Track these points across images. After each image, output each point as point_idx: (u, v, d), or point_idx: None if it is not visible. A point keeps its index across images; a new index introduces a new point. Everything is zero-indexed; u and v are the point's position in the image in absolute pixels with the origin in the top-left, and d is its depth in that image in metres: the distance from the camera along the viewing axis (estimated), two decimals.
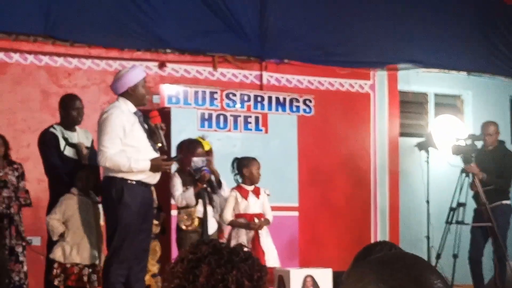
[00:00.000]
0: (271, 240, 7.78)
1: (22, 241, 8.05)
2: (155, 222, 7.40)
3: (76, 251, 6.84)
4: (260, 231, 7.66)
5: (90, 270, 6.88)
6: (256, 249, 7.39)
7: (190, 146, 7.58)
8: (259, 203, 7.77)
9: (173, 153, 7.66)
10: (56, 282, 6.93)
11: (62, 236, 6.88)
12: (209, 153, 7.65)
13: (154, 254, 7.51)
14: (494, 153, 9.02)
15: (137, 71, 6.76)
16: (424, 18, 11.00)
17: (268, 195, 7.85)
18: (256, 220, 7.64)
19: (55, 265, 6.88)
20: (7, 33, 8.96)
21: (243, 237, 7.57)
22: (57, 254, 6.89)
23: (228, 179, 7.80)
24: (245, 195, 7.75)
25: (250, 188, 7.79)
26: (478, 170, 8.75)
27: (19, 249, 8.02)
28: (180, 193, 7.39)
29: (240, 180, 7.80)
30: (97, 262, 6.92)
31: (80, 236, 6.88)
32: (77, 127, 7.21)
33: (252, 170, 7.79)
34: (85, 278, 6.86)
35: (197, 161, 7.39)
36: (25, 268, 7.99)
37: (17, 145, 8.62)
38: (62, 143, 7.01)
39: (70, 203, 6.89)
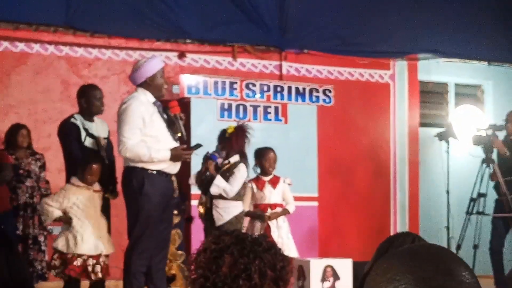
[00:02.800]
0: (288, 230, 7.75)
1: (44, 230, 8.11)
2: (175, 211, 7.43)
3: (80, 241, 6.64)
4: (270, 222, 7.66)
5: (94, 261, 6.68)
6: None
7: (218, 136, 7.63)
8: (275, 193, 7.77)
9: (193, 143, 7.67)
10: (53, 273, 6.80)
11: (68, 224, 6.70)
12: (230, 139, 7.60)
13: (174, 243, 7.55)
14: None
15: (155, 61, 6.75)
16: (444, 7, 10.93)
17: (289, 184, 7.84)
18: (269, 211, 7.66)
19: (55, 255, 6.72)
20: (28, 23, 9.01)
21: (257, 229, 7.60)
22: (60, 243, 6.69)
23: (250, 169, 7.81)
24: (261, 186, 7.77)
25: (267, 178, 7.80)
26: (502, 146, 8.74)
27: (42, 239, 8.09)
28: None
29: (258, 171, 7.83)
30: (102, 252, 6.73)
31: (83, 226, 6.69)
32: (95, 118, 7.21)
33: (262, 161, 7.80)
34: (90, 269, 6.66)
35: (216, 147, 7.48)
36: (46, 257, 8.06)
37: (38, 135, 8.67)
38: (83, 133, 7.01)
39: (69, 194, 6.74)
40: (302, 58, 10.42)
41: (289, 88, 9.83)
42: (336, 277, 7.31)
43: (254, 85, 9.67)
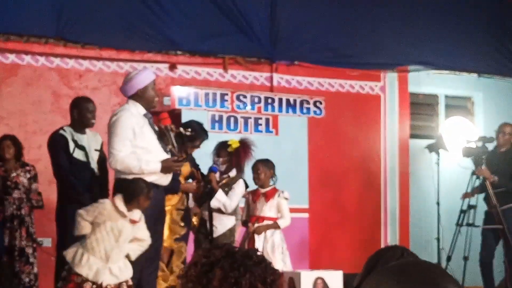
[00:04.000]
0: (277, 244, 7.65)
1: (32, 242, 8.07)
2: (181, 223, 7.42)
3: (85, 261, 6.20)
4: (256, 235, 7.62)
5: (94, 286, 6.19)
6: None
7: (215, 148, 7.66)
8: (268, 206, 7.73)
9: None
10: (59, 284, 6.44)
11: (82, 236, 6.27)
12: (233, 153, 7.62)
13: (180, 256, 7.49)
14: (506, 155, 9.00)
15: (146, 73, 6.77)
16: (435, 19, 10.97)
17: (286, 198, 7.78)
18: (252, 224, 7.65)
19: (67, 266, 6.31)
20: (18, 35, 9.01)
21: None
22: (69, 254, 6.30)
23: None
24: (256, 197, 7.77)
25: (263, 190, 7.80)
26: (489, 174, 8.73)
27: (30, 251, 8.04)
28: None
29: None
30: (103, 282, 6.21)
31: (96, 249, 6.23)
32: (87, 130, 7.21)
33: (253, 173, 7.80)
34: None
35: (216, 161, 7.49)
36: (35, 269, 8.02)
37: (28, 147, 8.65)
38: (71, 145, 7.00)
39: (104, 213, 6.26)
40: (293, 69, 10.43)
41: (280, 99, 9.85)
42: None
43: (245, 96, 9.68)
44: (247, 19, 10.01)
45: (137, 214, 6.34)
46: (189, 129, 7.30)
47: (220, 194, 7.38)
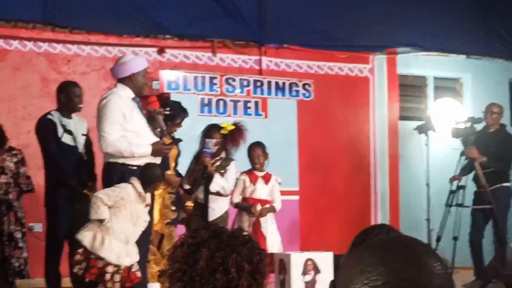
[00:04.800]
0: (276, 227, 7.82)
1: (21, 227, 8.07)
2: (172, 207, 7.43)
3: (108, 244, 6.19)
4: (262, 218, 7.69)
5: (115, 269, 6.23)
6: (257, 234, 7.42)
7: (206, 130, 7.64)
8: (267, 189, 7.81)
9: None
10: (76, 269, 6.28)
11: (100, 221, 6.26)
12: (227, 136, 7.64)
13: (171, 240, 7.50)
14: (495, 135, 9.02)
15: (141, 59, 6.93)
16: (423, 1, 10.97)
17: (279, 183, 7.89)
18: (259, 207, 7.68)
19: (80, 250, 6.23)
20: (6, 20, 8.96)
21: (245, 222, 7.62)
22: (86, 238, 6.23)
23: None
24: (254, 180, 7.80)
25: (260, 174, 7.85)
26: (478, 154, 8.76)
27: (18, 235, 8.03)
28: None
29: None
30: (122, 265, 6.27)
31: (116, 231, 6.25)
32: (73, 115, 7.20)
33: (251, 155, 7.83)
34: (108, 276, 6.19)
35: (207, 142, 7.46)
36: (24, 254, 8.02)
37: (17, 132, 8.64)
38: (60, 130, 6.99)
39: (126, 198, 6.29)
40: (282, 52, 10.42)
41: (269, 83, 9.85)
42: (317, 270, 7.34)
43: (234, 80, 9.67)
44: (235, 2, 9.98)
45: (149, 198, 6.51)
46: (167, 108, 7.30)
47: (219, 177, 7.43)
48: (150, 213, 6.71)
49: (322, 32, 10.53)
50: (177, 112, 7.56)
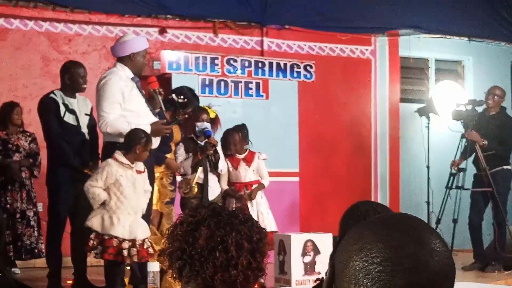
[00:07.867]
0: (267, 205, 7.78)
1: (33, 206, 8.11)
2: (171, 187, 7.42)
3: (116, 222, 6.19)
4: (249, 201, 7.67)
5: (130, 243, 6.22)
6: None
7: (195, 113, 7.57)
8: (251, 170, 7.76)
9: None
10: (92, 255, 6.34)
11: (103, 204, 6.25)
12: (214, 120, 7.63)
13: (170, 219, 7.51)
14: (495, 118, 9.00)
15: (143, 39, 6.91)
16: None
17: (264, 159, 7.84)
18: (246, 191, 7.66)
19: (92, 235, 6.22)
20: None
21: (232, 205, 7.60)
22: (95, 223, 6.22)
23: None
24: (235, 164, 7.76)
25: (241, 156, 7.79)
26: (478, 137, 8.75)
27: (30, 214, 8.08)
28: (180, 161, 7.39)
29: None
30: (137, 238, 6.26)
31: (121, 207, 6.25)
32: (77, 94, 7.19)
33: (227, 140, 7.74)
34: (125, 252, 6.19)
35: (201, 125, 7.39)
36: (36, 233, 8.06)
37: None
38: (62, 109, 6.98)
39: (112, 170, 6.24)
40: (283, 34, 10.41)
41: (270, 64, 9.83)
42: (316, 251, 7.35)
43: (235, 61, 9.66)
44: None
45: (140, 165, 6.39)
46: (182, 96, 7.28)
47: (223, 157, 7.44)
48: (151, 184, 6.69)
49: (324, 13, 10.51)
50: (190, 101, 7.54)
